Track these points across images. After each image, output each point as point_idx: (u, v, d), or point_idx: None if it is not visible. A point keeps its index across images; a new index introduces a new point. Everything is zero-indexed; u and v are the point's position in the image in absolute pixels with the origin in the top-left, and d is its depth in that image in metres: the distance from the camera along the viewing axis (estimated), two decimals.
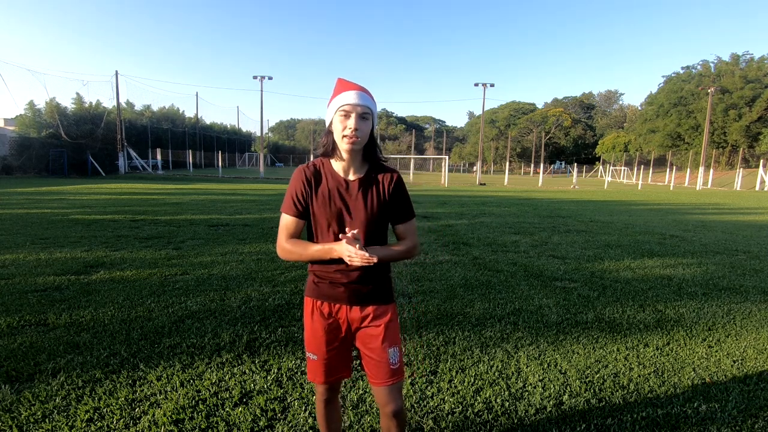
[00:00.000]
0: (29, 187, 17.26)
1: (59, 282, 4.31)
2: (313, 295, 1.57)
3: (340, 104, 1.42)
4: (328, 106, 1.49)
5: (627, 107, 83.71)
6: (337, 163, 1.52)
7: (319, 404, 1.71)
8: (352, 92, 1.42)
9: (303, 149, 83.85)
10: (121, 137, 32.38)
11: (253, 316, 3.55)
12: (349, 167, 1.51)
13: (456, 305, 3.94)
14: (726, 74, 48.15)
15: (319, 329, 1.56)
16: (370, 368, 1.56)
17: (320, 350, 1.57)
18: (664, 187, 35.93)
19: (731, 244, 7.48)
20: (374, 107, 1.48)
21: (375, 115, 1.49)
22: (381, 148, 1.58)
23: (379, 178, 1.53)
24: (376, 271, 1.53)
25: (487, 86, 33.49)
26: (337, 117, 1.43)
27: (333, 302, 1.54)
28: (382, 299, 1.56)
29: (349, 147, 1.42)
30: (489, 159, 76.34)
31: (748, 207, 16.22)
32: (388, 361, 1.53)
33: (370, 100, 1.45)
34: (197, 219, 9.08)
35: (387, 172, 1.55)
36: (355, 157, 1.50)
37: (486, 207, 13.51)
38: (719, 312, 3.97)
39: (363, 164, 1.53)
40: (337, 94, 1.46)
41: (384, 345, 1.53)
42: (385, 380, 1.53)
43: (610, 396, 2.50)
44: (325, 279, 1.53)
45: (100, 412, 2.21)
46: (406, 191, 1.58)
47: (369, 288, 1.53)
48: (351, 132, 1.40)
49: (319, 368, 1.59)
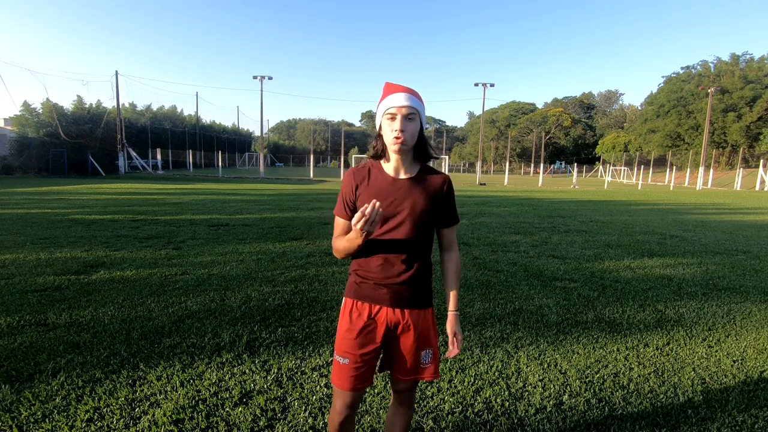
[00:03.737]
0: (29, 187, 17.26)
1: (59, 282, 4.31)
2: (354, 296, 1.56)
3: (386, 107, 1.44)
4: (377, 110, 1.51)
5: (627, 107, 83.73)
6: (387, 164, 1.52)
7: (333, 418, 1.60)
8: (398, 94, 1.43)
9: (303, 149, 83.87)
10: (121, 137, 32.37)
11: (253, 316, 3.55)
12: (399, 168, 1.51)
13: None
14: (726, 74, 48.13)
15: (356, 331, 1.52)
16: (398, 364, 1.56)
17: (353, 354, 1.52)
18: (664, 187, 35.93)
19: (731, 244, 7.48)
20: (421, 108, 1.47)
21: (423, 116, 1.49)
22: (433, 148, 1.57)
23: (430, 179, 1.53)
24: (419, 274, 1.53)
25: (487, 86, 33.51)
26: (385, 120, 1.45)
27: (374, 303, 1.53)
28: (422, 303, 1.56)
29: (397, 148, 1.43)
30: (489, 159, 76.34)
31: (748, 207, 16.22)
32: (419, 360, 1.55)
33: (416, 101, 1.45)
34: (197, 219, 9.08)
35: (438, 174, 1.55)
36: (405, 158, 1.50)
37: (486, 207, 13.52)
38: (719, 312, 3.97)
39: (414, 165, 1.54)
40: (384, 97, 1.47)
41: (418, 345, 1.54)
42: (409, 375, 1.55)
43: (610, 396, 2.50)
44: (369, 280, 1.52)
45: (100, 412, 2.21)
46: (454, 195, 1.59)
47: (411, 290, 1.52)
48: (397, 133, 1.41)
49: (348, 373, 1.52)
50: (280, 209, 11.41)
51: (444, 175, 1.56)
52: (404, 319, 1.53)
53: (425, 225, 1.51)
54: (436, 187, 1.53)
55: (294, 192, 18.26)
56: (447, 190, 1.55)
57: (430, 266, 1.59)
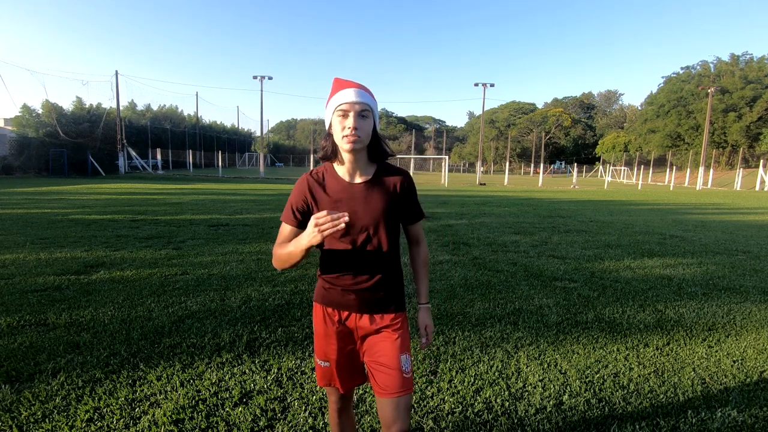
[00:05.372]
0: (29, 187, 17.26)
1: (59, 282, 4.31)
2: (323, 302, 1.50)
3: (337, 104, 1.35)
4: (326, 108, 1.41)
5: (627, 107, 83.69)
6: (340, 167, 1.43)
7: (332, 413, 1.64)
8: (349, 90, 1.35)
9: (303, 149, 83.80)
10: (121, 137, 32.36)
11: (253, 316, 3.55)
12: (354, 170, 1.43)
13: (456, 305, 3.94)
14: (726, 74, 48.15)
15: (331, 336, 1.49)
16: (379, 378, 1.44)
17: (332, 357, 1.50)
18: (664, 187, 35.92)
19: (731, 244, 7.48)
20: (374, 104, 1.40)
21: (376, 113, 1.41)
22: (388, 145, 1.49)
23: (388, 180, 1.45)
24: (388, 279, 1.47)
25: (487, 86, 33.51)
26: (336, 117, 1.35)
27: (343, 309, 1.47)
28: (393, 307, 1.49)
29: (350, 147, 1.34)
30: (489, 159, 76.31)
31: (748, 207, 16.22)
32: (400, 368, 1.42)
33: (368, 97, 1.37)
34: (197, 219, 9.08)
35: (396, 173, 1.47)
36: (359, 159, 1.41)
37: (486, 207, 13.51)
38: (719, 312, 3.97)
39: (369, 165, 1.45)
40: (333, 93, 1.38)
41: (396, 351, 1.44)
42: (395, 390, 1.40)
43: (610, 396, 2.50)
44: (337, 285, 1.46)
45: (100, 412, 2.21)
46: (415, 192, 1.52)
47: (380, 295, 1.46)
48: (350, 131, 1.32)
49: (333, 374, 1.52)
50: (280, 209, 11.39)
51: (402, 171, 1.48)
52: (375, 324, 1.47)
53: (388, 228, 1.44)
54: (394, 187, 1.45)
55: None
56: (407, 188, 1.47)
57: (400, 268, 1.53)
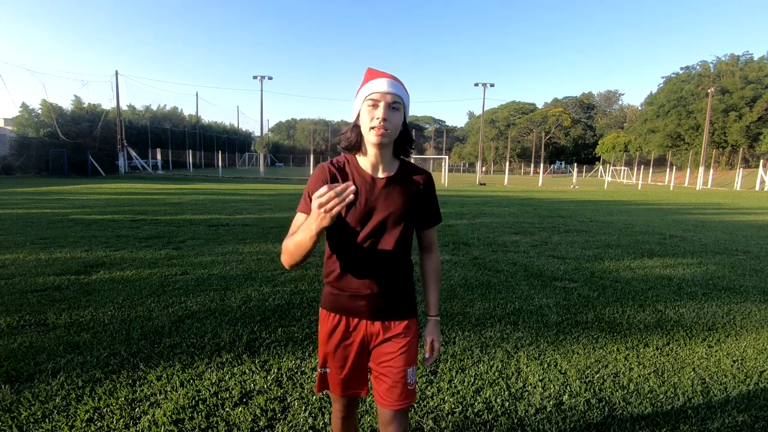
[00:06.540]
0: (29, 187, 17.26)
1: (59, 282, 4.31)
2: (330, 308, 1.43)
3: (367, 93, 1.28)
4: (356, 97, 1.34)
5: (627, 107, 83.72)
6: (363, 158, 1.36)
7: (335, 420, 1.60)
8: (382, 79, 1.28)
9: (303, 149, 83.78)
10: (121, 137, 32.36)
11: (253, 316, 3.55)
12: (378, 163, 1.35)
13: (456, 305, 3.94)
14: (726, 74, 48.14)
15: (335, 344, 1.42)
16: (383, 388, 1.39)
17: (335, 365, 1.44)
18: (664, 187, 35.93)
19: (731, 244, 7.48)
20: (406, 98, 1.32)
21: (407, 107, 1.34)
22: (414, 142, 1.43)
23: (411, 178, 1.39)
24: (400, 282, 1.41)
25: (487, 86, 33.51)
26: (365, 107, 1.28)
27: (352, 316, 1.40)
28: (404, 313, 1.42)
29: (378, 140, 1.26)
30: (489, 159, 76.29)
31: (748, 207, 16.22)
32: (406, 381, 1.38)
33: (401, 89, 1.30)
34: (197, 219, 9.08)
35: (419, 172, 1.42)
36: (385, 153, 1.34)
37: (486, 207, 13.50)
38: (719, 312, 3.97)
39: (393, 161, 1.39)
40: (365, 83, 1.31)
41: (403, 363, 1.38)
42: (398, 402, 1.37)
43: (610, 396, 2.50)
44: (345, 291, 1.38)
45: (100, 412, 2.21)
46: (435, 194, 1.47)
47: (391, 300, 1.39)
48: (379, 123, 1.25)
49: (334, 381, 1.47)
50: (280, 209, 11.41)
51: (425, 172, 1.44)
52: (386, 330, 1.40)
53: (405, 229, 1.37)
54: (417, 187, 1.39)
55: (294, 192, 18.25)
56: (429, 188, 1.43)
57: (411, 272, 1.46)
